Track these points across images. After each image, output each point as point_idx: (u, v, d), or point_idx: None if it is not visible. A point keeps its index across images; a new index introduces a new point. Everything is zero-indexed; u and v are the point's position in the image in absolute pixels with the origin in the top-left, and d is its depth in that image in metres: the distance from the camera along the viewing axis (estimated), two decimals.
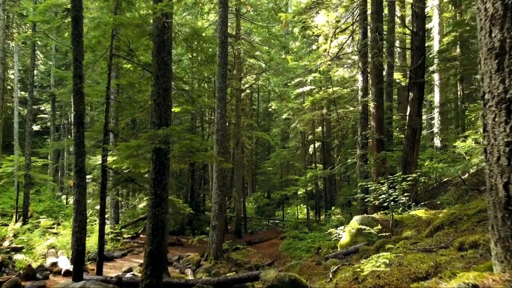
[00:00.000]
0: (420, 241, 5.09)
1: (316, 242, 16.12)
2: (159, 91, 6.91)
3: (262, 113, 44.67)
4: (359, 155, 12.58)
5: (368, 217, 8.41)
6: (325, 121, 25.31)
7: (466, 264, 2.82)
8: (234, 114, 21.74)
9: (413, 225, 7.67)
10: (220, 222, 14.03)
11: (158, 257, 6.60)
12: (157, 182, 6.76)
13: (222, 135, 14.17)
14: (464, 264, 2.85)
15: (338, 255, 7.65)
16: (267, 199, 36.20)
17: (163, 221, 6.72)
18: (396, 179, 8.15)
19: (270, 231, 24.49)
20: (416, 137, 11.95)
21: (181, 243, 17.40)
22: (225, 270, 13.40)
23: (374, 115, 12.41)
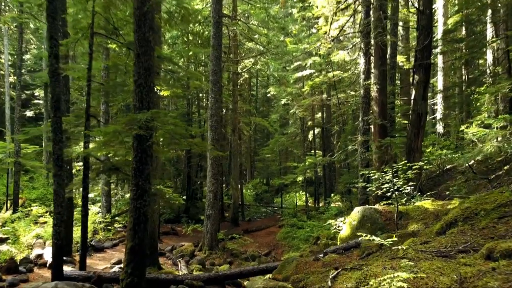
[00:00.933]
0: (431, 239, 4.48)
1: (314, 231, 15.61)
2: (140, 71, 6.22)
3: (261, 99, 43.90)
4: (360, 142, 11.94)
5: (370, 208, 7.81)
6: (325, 106, 24.57)
7: (503, 283, 2.22)
8: (231, 99, 21.01)
9: (419, 218, 7.07)
10: (215, 211, 13.48)
11: (140, 254, 6.01)
12: (139, 172, 6.12)
13: (216, 121, 13.50)
14: (500, 282, 2.25)
15: (337, 249, 7.08)
16: (265, 186, 35.70)
17: (145, 215, 6.10)
18: (401, 167, 7.52)
19: (268, 218, 24.02)
20: (421, 122, 11.28)
21: (176, 232, 16.90)
22: (220, 260, 12.91)
23: (376, 99, 11.72)
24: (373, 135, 11.77)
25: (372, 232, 7.41)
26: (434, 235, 5.07)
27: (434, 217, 6.80)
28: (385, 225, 7.38)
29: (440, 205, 7.41)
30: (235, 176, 20.78)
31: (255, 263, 13.07)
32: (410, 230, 6.63)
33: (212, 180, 13.40)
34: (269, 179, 38.09)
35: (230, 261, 13.04)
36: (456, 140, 22.23)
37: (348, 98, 20.99)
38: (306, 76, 22.73)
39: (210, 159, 13.42)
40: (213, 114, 13.46)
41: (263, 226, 19.97)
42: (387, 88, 12.23)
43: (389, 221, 7.43)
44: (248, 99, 31.53)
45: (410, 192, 8.33)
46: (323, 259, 6.72)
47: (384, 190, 7.95)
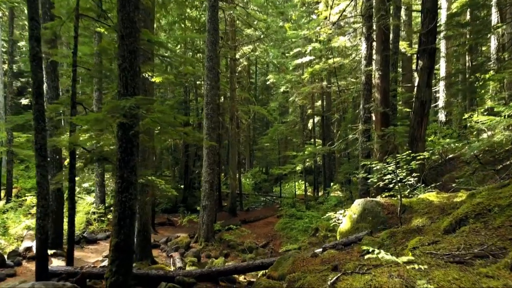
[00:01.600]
0: (440, 238, 4.06)
1: (313, 222, 15.28)
2: (124, 54, 5.73)
3: (260, 87, 43.31)
4: (361, 131, 11.49)
5: (371, 201, 7.40)
6: (325, 94, 24.05)
7: None
8: (229, 87, 20.49)
9: (424, 212, 6.66)
10: (211, 202, 13.10)
11: (126, 251, 5.62)
12: (124, 163, 5.69)
13: (212, 109, 13.03)
14: None
15: (337, 245, 6.69)
16: (264, 175, 35.35)
17: (131, 209, 5.69)
18: (405, 157, 7.08)
19: (267, 208, 23.70)
20: (425, 110, 10.81)
21: (172, 223, 16.57)
22: (216, 252, 12.58)
23: (378, 86, 11.23)
24: (375, 123, 11.32)
25: (374, 226, 7.03)
26: (442, 233, 4.66)
27: (440, 211, 6.39)
28: (387, 219, 6.98)
29: (445, 198, 7.00)
30: (233, 166, 20.38)
31: (252, 255, 12.75)
32: (415, 225, 6.22)
33: (208, 170, 12.98)
34: (268, 168, 37.73)
35: (227, 253, 12.71)
36: (458, 128, 21.79)
37: (348, 85, 20.46)
38: (306, 63, 22.17)
39: (206, 148, 12.98)
40: (209, 101, 12.99)
41: (261, 216, 19.64)
42: (389, 74, 11.73)
43: (392, 215, 7.03)
44: (247, 86, 30.98)
45: (413, 184, 7.92)
46: (321, 255, 6.33)
47: (386, 181, 7.53)
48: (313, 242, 13.32)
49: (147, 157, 10.08)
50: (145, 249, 10.17)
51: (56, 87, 10.86)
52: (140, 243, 10.10)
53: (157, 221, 17.50)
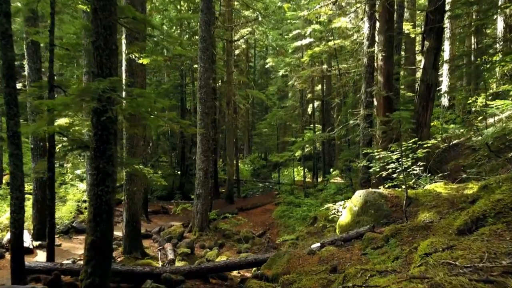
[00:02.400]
0: (456, 242, 3.50)
1: (312, 210, 14.80)
2: (98, 30, 5.08)
3: (259, 71, 42.44)
4: (362, 116, 10.88)
5: (373, 192, 6.85)
6: (325, 78, 23.32)
7: None
8: (226, 70, 19.76)
9: (431, 205, 6.11)
10: (206, 190, 12.57)
11: (103, 249, 5.08)
12: (100, 152, 5.10)
13: (206, 93, 12.38)
14: None
15: (336, 241, 6.16)
16: (263, 161, 34.84)
17: (108, 203, 5.13)
18: (411, 145, 6.50)
19: (265, 195, 23.24)
20: (431, 94, 10.19)
21: (166, 211, 16.07)
22: (211, 243, 12.11)
23: (381, 69, 10.57)
24: (377, 108, 10.70)
25: (376, 220, 6.49)
26: (455, 233, 4.11)
27: (449, 204, 5.85)
28: (390, 212, 6.44)
29: (454, 189, 6.45)
30: (230, 152, 19.81)
31: (248, 245, 12.29)
32: (421, 220, 5.68)
33: (202, 157, 12.42)
34: (267, 153, 37.19)
35: (222, 243, 12.25)
36: (462, 113, 21.15)
37: (349, 69, 19.72)
38: (305, 45, 21.36)
39: (200, 135, 12.39)
40: (203, 85, 12.33)
41: (259, 203, 19.17)
42: (393, 56, 11.05)
43: (396, 208, 6.49)
44: (246, 70, 30.21)
45: (419, 173, 7.36)
46: (319, 252, 5.81)
47: (390, 171, 6.98)
48: (311, 231, 12.84)
49: (136, 144, 9.50)
50: (135, 241, 9.68)
51: (38, 69, 10.19)
52: (129, 234, 9.60)
53: (151, 209, 17.03)
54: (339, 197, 14.22)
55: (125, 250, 9.61)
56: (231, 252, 11.70)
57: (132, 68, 9.36)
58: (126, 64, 9.33)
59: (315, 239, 11.93)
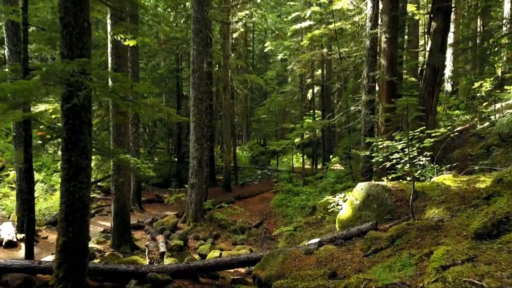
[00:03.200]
0: (477, 252, 2.98)
1: (311, 199, 14.34)
2: (67, 5, 4.47)
3: (258, 55, 41.61)
4: (364, 102, 10.28)
5: (376, 185, 6.32)
6: (326, 62, 22.61)
7: None
8: (222, 54, 19.05)
9: (440, 200, 5.59)
10: (200, 179, 12.07)
11: (77, 251, 4.58)
12: (71, 144, 4.55)
13: (199, 77, 11.76)
14: None
15: (336, 238, 5.66)
16: (262, 147, 34.31)
17: (82, 200, 4.61)
18: (418, 134, 5.94)
19: (263, 182, 22.79)
20: (437, 78, 9.60)
21: (161, 200, 15.59)
22: (205, 234, 11.68)
23: (385, 51, 9.93)
24: (380, 93, 10.11)
25: (379, 215, 5.98)
26: (472, 237, 3.59)
27: (460, 200, 5.33)
28: (395, 207, 5.93)
29: (465, 182, 5.92)
30: (227, 139, 19.26)
31: (244, 236, 11.86)
32: (430, 216, 5.17)
33: (196, 145, 11.87)
34: (266, 139, 36.64)
35: (217, 234, 11.81)
36: (466, 99, 20.52)
37: (350, 52, 19.00)
38: (305, 28, 20.60)
39: (193, 122, 11.82)
40: (196, 69, 11.69)
41: (256, 191, 18.72)
42: (397, 38, 10.40)
43: (401, 202, 5.97)
44: (244, 54, 29.41)
45: (425, 164, 6.83)
46: (317, 252, 5.32)
47: (394, 161, 6.43)
48: (310, 222, 12.41)
49: (123, 132, 8.93)
50: (124, 234, 9.21)
51: (19, 52, 9.54)
52: (118, 227, 9.13)
53: (145, 197, 16.57)
54: (339, 186, 13.75)
55: (114, 244, 9.16)
56: (226, 243, 11.27)
57: (118, 51, 8.72)
58: (111, 46, 8.69)
59: (314, 230, 11.50)
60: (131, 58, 13.65)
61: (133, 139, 13.87)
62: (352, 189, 11.83)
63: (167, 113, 5.33)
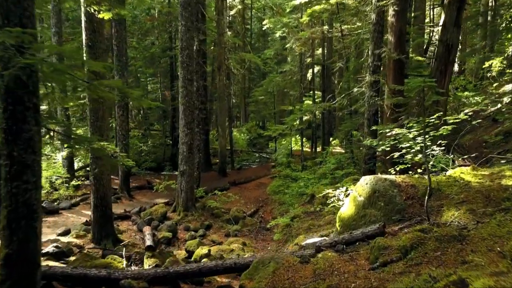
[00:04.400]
0: None
1: (309, 186, 13.57)
2: None
3: (256, 34, 40.27)
4: (369, 83, 9.35)
5: (384, 180, 5.49)
6: (326, 41, 21.47)
7: None
8: (216, 31, 17.95)
9: (460, 199, 4.76)
10: (191, 166, 11.26)
11: (24, 265, 3.79)
12: (12, 135, 3.70)
13: (189, 56, 10.79)
14: None
15: (336, 243, 4.86)
16: (261, 129, 33.40)
17: (28, 204, 3.79)
18: (433, 121, 5.06)
19: (261, 167, 22.03)
20: (451, 56, 8.66)
21: (152, 186, 14.79)
22: (197, 224, 10.96)
23: (393, 26, 8.93)
24: (387, 73, 9.17)
25: (387, 215, 5.17)
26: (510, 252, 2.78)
27: (485, 200, 4.51)
28: (405, 206, 5.11)
29: (487, 177, 5.08)
30: (222, 122, 18.36)
31: (238, 226, 11.14)
32: (448, 220, 4.36)
33: (185, 129, 11.01)
34: (265, 121, 35.72)
35: (209, 224, 11.08)
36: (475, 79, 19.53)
37: (353, 29, 17.89)
38: (304, 4, 19.38)
39: (182, 104, 10.92)
40: (185, 46, 10.71)
41: (253, 176, 17.95)
42: (407, 11, 9.39)
43: (412, 201, 5.15)
44: (242, 33, 28.20)
45: (439, 155, 5.98)
46: (314, 260, 4.53)
47: (404, 151, 5.59)
48: (308, 211, 11.67)
49: (101, 116, 8.04)
50: (105, 227, 8.45)
51: None
52: (99, 220, 8.36)
53: (136, 183, 15.83)
54: (340, 172, 12.95)
55: (94, 238, 8.42)
56: (218, 234, 10.56)
57: (93, 25, 7.75)
58: (85, 20, 7.72)
59: (312, 220, 10.74)
60: (116, 35, 12.65)
61: (120, 122, 13.01)
62: (353, 177, 11.06)
63: (131, 96, 4.45)
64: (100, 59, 7.98)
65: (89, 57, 7.81)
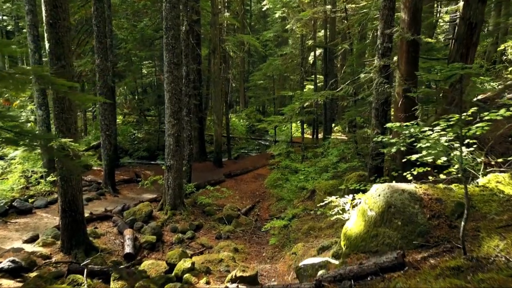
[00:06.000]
0: None
1: (310, 180, 12.51)
2: None
3: (256, 15, 38.74)
4: (378, 67, 8.16)
5: (401, 191, 4.38)
6: (329, 22, 20.08)
7: None
8: (210, 11, 16.61)
9: (504, 221, 3.67)
10: (178, 160, 10.18)
11: None
12: None
13: (174, 37, 9.58)
14: None
15: (342, 277, 3.80)
16: (261, 115, 32.21)
17: None
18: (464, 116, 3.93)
19: (259, 156, 20.99)
20: (474, 37, 7.44)
21: (141, 179, 13.69)
22: (185, 224, 9.95)
23: (407, 2, 7.69)
24: (399, 57, 7.97)
25: (406, 237, 4.09)
26: None
27: None
28: (430, 227, 4.02)
29: None
30: (218, 109, 17.19)
31: (230, 227, 10.16)
32: (490, 254, 3.27)
33: (172, 119, 9.88)
34: (265, 106, 34.51)
35: (199, 224, 10.08)
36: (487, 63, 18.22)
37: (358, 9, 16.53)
38: None
39: (168, 92, 9.75)
40: (169, 26, 9.49)
41: (250, 167, 16.93)
42: None
43: (438, 221, 4.06)
44: (241, 14, 26.79)
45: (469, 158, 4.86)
46: None
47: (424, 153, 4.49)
48: (308, 208, 10.65)
49: (67, 107, 6.91)
50: (76, 234, 7.42)
51: None
52: (68, 227, 7.33)
53: (125, 176, 14.78)
54: (343, 166, 11.86)
55: (63, 247, 7.41)
56: (208, 237, 9.57)
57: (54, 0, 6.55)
58: None
59: (312, 222, 9.70)
60: (96, 14, 11.41)
61: (102, 111, 11.87)
62: (358, 173, 9.96)
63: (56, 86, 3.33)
64: (64, 39, 6.80)
65: (50, 36, 6.65)
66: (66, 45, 6.90)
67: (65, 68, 6.86)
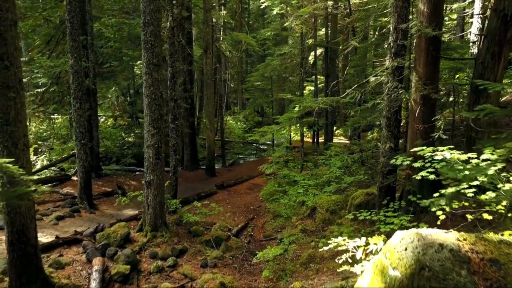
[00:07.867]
0: None
1: (310, 194, 11.20)
2: None
3: (255, 13, 37.52)
4: (391, 69, 6.89)
5: (438, 246, 3.10)
6: (330, 20, 18.84)
7: None
8: (202, 6, 15.32)
9: None
10: (159, 175, 8.89)
11: None
12: None
13: (153, 33, 8.29)
14: None
15: None
16: (259, 117, 30.93)
17: None
18: None
19: (256, 161, 19.66)
20: (509, 33, 6.15)
21: (124, 192, 12.38)
22: (167, 249, 8.65)
23: None
24: (416, 57, 6.68)
25: None
26: None
27: None
28: None
29: None
30: (209, 113, 15.89)
31: (219, 252, 8.86)
32: None
33: (151, 129, 8.60)
34: (263, 107, 33.25)
35: (183, 248, 8.78)
36: None
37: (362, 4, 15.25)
38: None
39: (147, 96, 8.46)
40: (148, 21, 8.20)
41: (245, 176, 15.65)
42: None
43: None
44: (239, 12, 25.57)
45: None
46: None
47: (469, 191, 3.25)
48: (308, 229, 9.37)
49: (13, 118, 5.62)
50: (28, 269, 6.14)
51: None
52: (16, 262, 6.03)
53: (106, 188, 13.51)
54: (347, 179, 10.57)
55: (12, 285, 6.12)
56: (193, 264, 8.29)
57: None
58: None
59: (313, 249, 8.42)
60: (69, 8, 10.14)
61: (77, 117, 10.58)
62: (365, 191, 8.69)
63: None
64: (8, 34, 5.54)
65: None
66: (11, 42, 5.63)
67: (9, 70, 5.60)
